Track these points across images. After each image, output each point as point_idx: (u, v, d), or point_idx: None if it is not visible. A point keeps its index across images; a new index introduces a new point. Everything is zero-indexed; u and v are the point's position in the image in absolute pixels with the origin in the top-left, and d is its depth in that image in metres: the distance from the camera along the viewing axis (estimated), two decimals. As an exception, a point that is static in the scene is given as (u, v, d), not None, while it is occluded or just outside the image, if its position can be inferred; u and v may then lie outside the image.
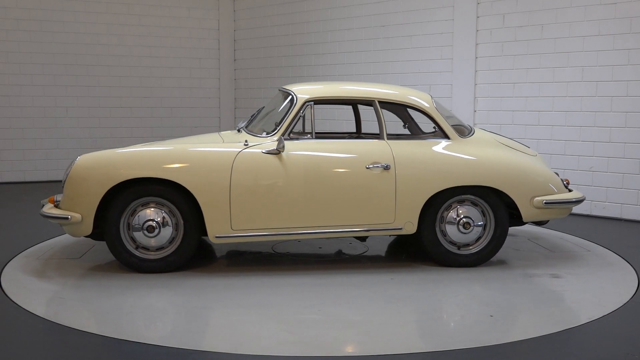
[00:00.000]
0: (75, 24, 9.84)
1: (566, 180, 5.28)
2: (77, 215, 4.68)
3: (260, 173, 4.78)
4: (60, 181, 5.02)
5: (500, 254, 5.33)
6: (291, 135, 4.98)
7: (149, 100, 10.45)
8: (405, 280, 4.77)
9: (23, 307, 4.11)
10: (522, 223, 5.22)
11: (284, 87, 5.42)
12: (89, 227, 4.72)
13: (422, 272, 4.96)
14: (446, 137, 5.13)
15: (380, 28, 8.91)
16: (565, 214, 5.25)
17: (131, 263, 4.85)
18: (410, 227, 4.96)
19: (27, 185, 9.48)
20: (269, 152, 4.81)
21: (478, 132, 5.39)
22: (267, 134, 4.99)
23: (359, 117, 6.00)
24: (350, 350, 3.58)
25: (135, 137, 10.00)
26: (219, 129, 10.69)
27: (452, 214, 5.03)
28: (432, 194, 4.93)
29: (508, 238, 5.80)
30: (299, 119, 5.00)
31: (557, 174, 5.34)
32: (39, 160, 9.77)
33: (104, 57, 10.07)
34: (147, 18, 10.33)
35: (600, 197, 7.14)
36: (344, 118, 8.91)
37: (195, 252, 5.01)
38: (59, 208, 4.81)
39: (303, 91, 5.11)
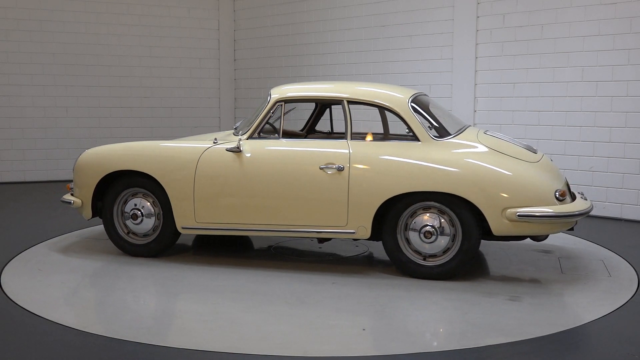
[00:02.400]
0: (75, 24, 9.85)
1: (561, 192, 4.57)
2: (79, 201, 5.36)
3: (220, 170, 4.97)
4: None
5: (494, 269, 5.04)
6: (261, 134, 5.07)
7: (149, 100, 10.45)
8: (345, 285, 4.61)
9: (23, 307, 4.12)
10: (495, 237, 4.71)
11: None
12: (89, 212, 5.35)
13: (374, 280, 4.72)
14: (417, 139, 4.80)
15: (380, 28, 8.91)
16: (553, 230, 4.65)
17: (122, 246, 5.36)
18: (363, 231, 4.74)
19: (27, 185, 9.48)
20: (230, 150, 4.96)
21: (463, 134, 4.96)
22: (242, 133, 5.12)
23: (385, 119, 5.62)
24: (170, 342, 3.60)
25: (135, 137, 9.99)
26: (219, 129, 10.70)
27: (416, 221, 4.69)
28: (386, 199, 4.65)
29: (531, 254, 5.47)
30: (269, 118, 5.07)
31: (567, 184, 4.93)
32: (39, 160, 9.77)
33: (104, 57, 10.07)
34: (147, 18, 10.33)
35: (600, 197, 7.14)
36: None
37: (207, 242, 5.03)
38: (72, 194, 5.50)
39: (276, 91, 5.18)
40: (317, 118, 6.14)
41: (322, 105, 6.01)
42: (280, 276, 4.84)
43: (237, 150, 4.94)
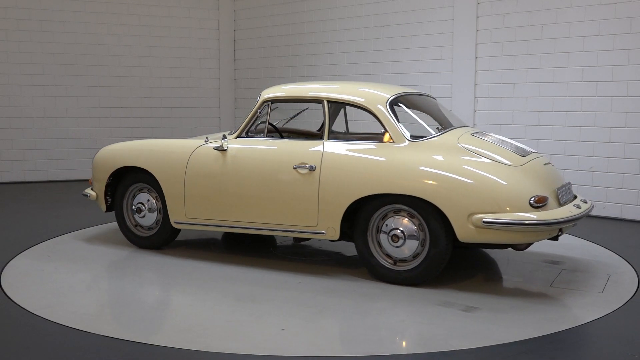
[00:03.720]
0: (75, 24, 9.85)
1: (537, 198, 4.24)
2: (94, 194, 5.76)
3: (207, 168, 5.13)
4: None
5: (476, 278, 4.80)
6: (249, 133, 5.15)
7: (149, 100, 10.45)
8: (309, 285, 4.59)
9: (23, 307, 4.11)
10: (463, 245, 4.51)
11: None
12: (103, 205, 5.72)
13: (342, 282, 4.65)
14: (391, 139, 4.68)
15: (380, 28, 8.91)
16: (527, 239, 4.32)
17: (130, 238, 5.68)
18: (332, 233, 4.69)
19: (27, 185, 9.48)
20: (216, 149, 5.11)
21: (445, 135, 4.75)
22: (232, 132, 5.26)
23: (396, 118, 5.53)
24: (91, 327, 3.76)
25: (135, 137, 9.97)
26: (219, 129, 10.70)
27: (386, 224, 4.57)
28: (353, 200, 4.57)
29: (536, 264, 5.17)
30: (257, 117, 5.16)
31: (560, 189, 4.59)
32: (39, 160, 9.77)
33: (104, 57, 10.07)
34: (147, 18, 10.33)
35: (600, 197, 7.14)
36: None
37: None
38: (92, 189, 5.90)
39: (265, 92, 5.24)
40: (333, 118, 6.06)
41: (336, 105, 5.92)
42: (255, 273, 4.90)
43: (222, 149, 5.07)
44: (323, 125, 4.97)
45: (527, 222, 4.18)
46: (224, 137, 5.14)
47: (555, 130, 7.44)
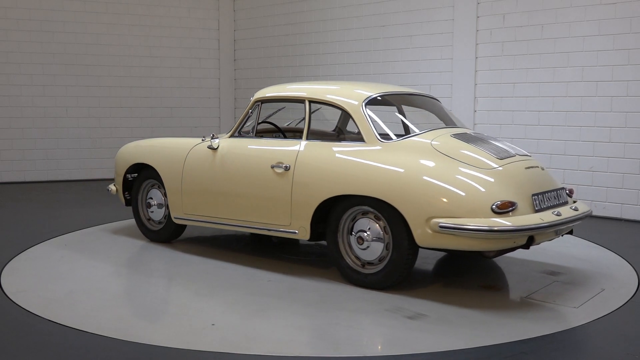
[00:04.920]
0: (75, 24, 9.85)
1: (501, 204, 3.98)
2: (114, 188, 6.16)
3: (200, 166, 5.32)
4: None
5: (451, 284, 4.63)
6: (241, 132, 5.27)
7: (149, 100, 10.46)
8: (277, 284, 4.60)
9: (23, 307, 4.12)
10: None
11: None
12: (122, 199, 6.11)
13: (313, 283, 4.60)
14: (362, 139, 4.59)
15: (380, 28, 8.91)
16: (488, 246, 4.03)
17: (143, 231, 5.99)
18: (303, 232, 4.68)
19: (27, 185, 9.48)
20: (209, 148, 5.28)
21: (421, 135, 4.57)
22: (227, 132, 5.43)
23: (403, 118, 5.28)
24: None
25: (135, 138, 9.97)
26: (219, 129, 10.71)
27: (355, 226, 4.50)
28: (321, 200, 4.54)
29: (531, 273, 4.89)
30: (248, 117, 5.25)
31: (543, 194, 4.35)
32: (39, 160, 9.78)
33: (104, 57, 10.08)
34: (147, 18, 10.34)
35: (600, 197, 7.15)
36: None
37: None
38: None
39: (258, 92, 5.35)
40: (346, 120, 6.04)
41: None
42: (239, 271, 4.95)
43: (212, 148, 5.23)
44: (304, 124, 4.95)
45: (485, 227, 3.91)
46: (213, 136, 5.31)
47: (555, 130, 7.44)
